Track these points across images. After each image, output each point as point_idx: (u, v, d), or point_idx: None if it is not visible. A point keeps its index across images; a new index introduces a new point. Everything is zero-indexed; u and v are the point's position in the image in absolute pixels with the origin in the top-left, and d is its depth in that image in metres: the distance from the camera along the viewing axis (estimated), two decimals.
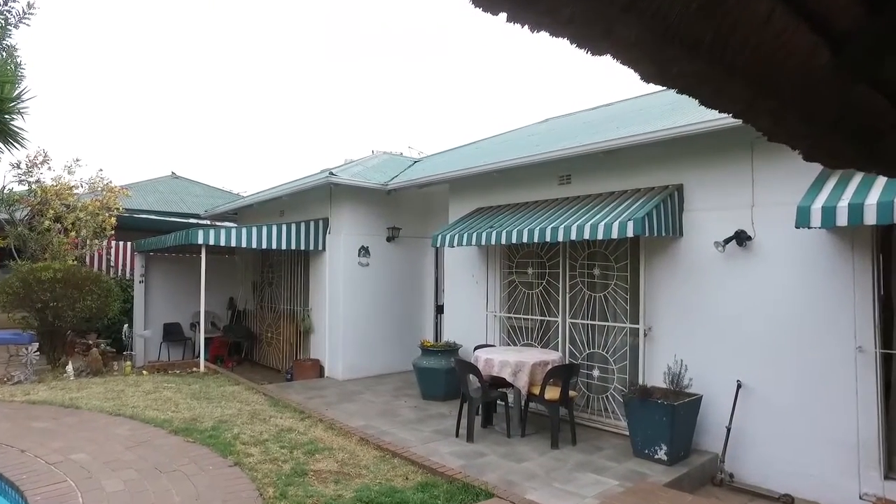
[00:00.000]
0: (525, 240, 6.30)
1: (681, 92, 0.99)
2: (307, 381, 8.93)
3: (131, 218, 11.57)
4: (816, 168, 4.78)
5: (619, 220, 5.51)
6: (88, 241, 10.73)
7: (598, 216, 5.84)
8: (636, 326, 6.22)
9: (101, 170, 11.31)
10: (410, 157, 12.23)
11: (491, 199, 7.95)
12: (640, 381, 6.00)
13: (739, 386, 5.25)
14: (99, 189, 11.04)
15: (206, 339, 9.85)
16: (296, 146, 46.07)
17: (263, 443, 4.83)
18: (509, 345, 7.65)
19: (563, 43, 0.81)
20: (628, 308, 6.35)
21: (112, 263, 12.84)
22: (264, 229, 9.09)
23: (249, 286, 12.34)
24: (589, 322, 6.72)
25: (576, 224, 5.85)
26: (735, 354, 5.37)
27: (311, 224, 9.51)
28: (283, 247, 9.24)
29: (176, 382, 7.36)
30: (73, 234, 10.42)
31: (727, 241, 5.38)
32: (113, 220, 10.77)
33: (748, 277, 5.33)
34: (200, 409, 5.95)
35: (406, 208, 10.01)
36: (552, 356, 6.23)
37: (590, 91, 45.94)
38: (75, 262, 10.07)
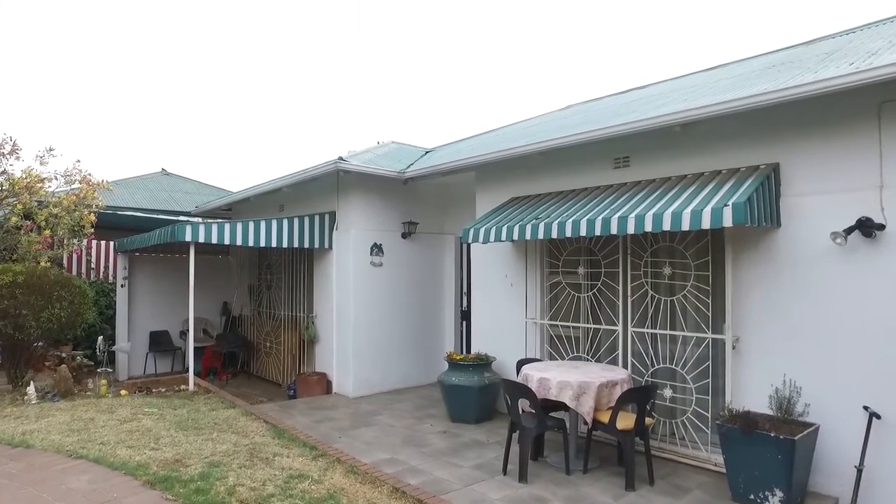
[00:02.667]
0: (583, 232, 5.16)
1: None
2: (313, 399, 7.77)
3: (115, 215, 10.40)
4: None
5: (711, 206, 4.39)
6: (65, 241, 9.57)
7: (677, 203, 4.71)
8: (720, 337, 5.11)
9: (78, 161, 10.05)
10: (421, 147, 11.05)
11: (528, 187, 6.82)
12: (727, 403, 4.89)
13: (874, 416, 4.13)
14: (75, 182, 9.83)
15: (197, 348, 8.69)
16: (292, 144, 44.82)
17: (267, 500, 3.65)
18: (554, 358, 6.51)
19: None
20: (710, 315, 5.22)
21: (93, 265, 11.64)
22: (262, 224, 7.91)
23: (245, 290, 11.13)
24: (658, 331, 5.59)
25: (650, 212, 4.72)
26: (861, 375, 4.25)
27: (316, 219, 8.34)
28: (284, 245, 8.06)
29: (159, 406, 6.18)
30: (46, 232, 9.25)
31: (848, 231, 4.28)
32: (93, 217, 9.58)
33: (879, 277, 4.21)
34: (187, 444, 4.78)
35: (424, 201, 8.87)
36: (619, 374, 5.10)
37: (588, 92, 45.14)
38: (49, 264, 8.91)
